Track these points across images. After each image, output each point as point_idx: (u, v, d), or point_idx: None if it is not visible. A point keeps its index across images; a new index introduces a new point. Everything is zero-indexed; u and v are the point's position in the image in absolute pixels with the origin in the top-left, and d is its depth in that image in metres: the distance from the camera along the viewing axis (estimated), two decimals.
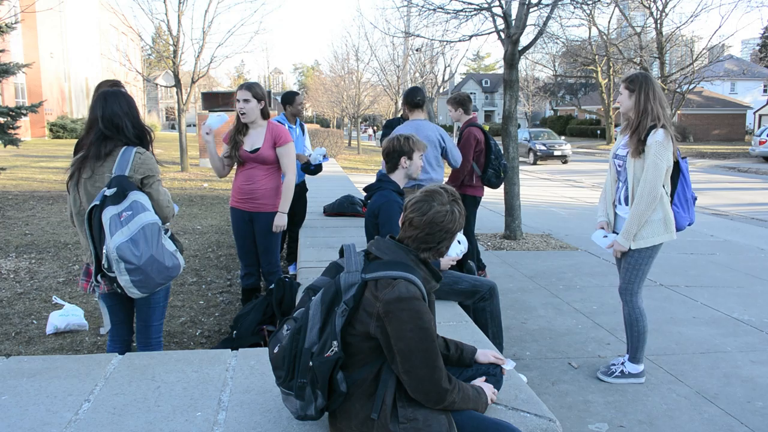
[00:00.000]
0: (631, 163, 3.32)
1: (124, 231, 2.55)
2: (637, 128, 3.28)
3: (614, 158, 3.53)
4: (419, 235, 1.91)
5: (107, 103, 2.74)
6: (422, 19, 9.14)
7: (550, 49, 31.19)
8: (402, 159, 3.42)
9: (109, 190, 2.61)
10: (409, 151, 3.41)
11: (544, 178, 18.47)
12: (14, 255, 6.40)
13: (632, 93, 3.33)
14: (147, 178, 2.75)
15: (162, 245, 2.66)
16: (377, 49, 32.33)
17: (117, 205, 2.59)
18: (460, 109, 5.48)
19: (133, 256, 2.54)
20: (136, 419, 2.08)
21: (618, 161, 3.49)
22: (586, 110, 43.23)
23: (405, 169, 3.46)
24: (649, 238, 3.34)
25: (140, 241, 2.57)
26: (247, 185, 4.03)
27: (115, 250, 2.52)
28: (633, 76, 3.38)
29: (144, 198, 2.68)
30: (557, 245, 7.69)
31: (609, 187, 3.60)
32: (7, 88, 21.74)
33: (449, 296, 3.54)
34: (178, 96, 15.86)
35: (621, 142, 3.52)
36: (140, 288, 2.62)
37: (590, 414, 3.25)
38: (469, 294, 3.55)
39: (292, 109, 5.55)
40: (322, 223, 6.11)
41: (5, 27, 10.76)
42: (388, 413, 1.80)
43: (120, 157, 2.70)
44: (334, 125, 46.84)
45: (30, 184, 12.27)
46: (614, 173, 3.54)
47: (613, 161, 3.55)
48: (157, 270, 2.62)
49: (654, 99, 3.28)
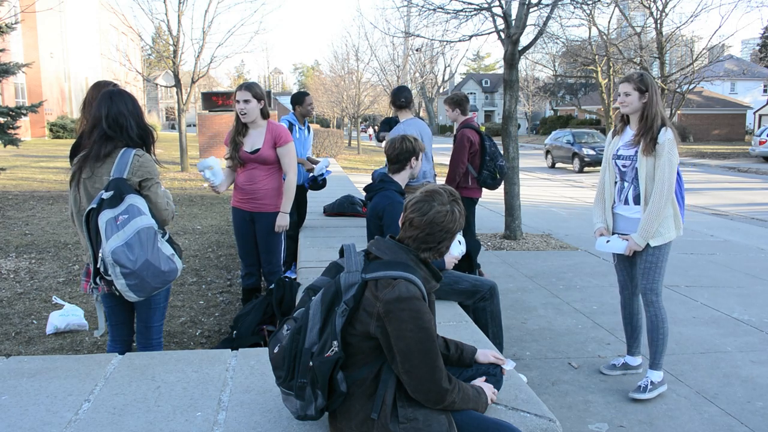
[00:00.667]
0: (642, 161, 3.28)
1: (120, 235, 2.54)
2: (651, 127, 3.26)
3: (615, 159, 3.47)
4: (419, 235, 1.91)
5: (113, 103, 2.73)
6: (422, 19, 9.14)
7: (550, 49, 31.14)
8: (412, 159, 3.47)
9: (106, 193, 2.60)
10: (417, 152, 3.47)
11: (544, 178, 18.47)
12: (14, 255, 6.40)
13: (644, 93, 3.28)
14: (145, 180, 2.73)
15: (158, 249, 2.64)
16: (377, 49, 32.31)
17: (114, 209, 2.57)
18: (458, 110, 5.46)
19: (128, 260, 2.53)
20: (136, 419, 2.08)
21: (622, 162, 3.43)
22: (586, 110, 43.16)
23: (411, 169, 3.51)
24: (666, 234, 3.33)
25: (135, 245, 2.56)
26: (248, 185, 4.03)
27: (110, 254, 2.51)
28: (643, 76, 3.32)
29: (141, 201, 2.67)
30: (557, 245, 7.69)
31: (607, 188, 3.54)
32: (7, 88, 21.75)
33: (449, 296, 3.54)
34: (178, 96, 15.87)
35: (621, 142, 3.47)
36: (136, 292, 2.61)
37: (590, 414, 3.25)
38: (470, 294, 3.55)
39: (301, 109, 5.56)
40: (322, 223, 6.11)
41: (5, 27, 10.77)
42: (388, 413, 1.80)
43: (119, 160, 2.68)
44: (334, 125, 46.82)
45: (30, 184, 12.26)
46: (614, 174, 3.49)
47: (614, 162, 3.48)
48: (152, 274, 2.61)
49: (660, 99, 3.32)
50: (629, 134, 3.43)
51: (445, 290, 3.48)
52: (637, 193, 3.38)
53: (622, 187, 3.46)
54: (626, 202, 3.45)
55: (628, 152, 3.38)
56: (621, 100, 3.38)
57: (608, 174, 3.54)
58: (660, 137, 3.25)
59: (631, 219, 3.42)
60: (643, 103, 3.29)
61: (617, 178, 3.48)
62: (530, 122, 56.75)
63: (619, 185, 3.48)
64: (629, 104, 3.35)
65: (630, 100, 3.34)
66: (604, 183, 3.58)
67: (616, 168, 3.47)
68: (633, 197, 3.41)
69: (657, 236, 3.33)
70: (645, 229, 3.30)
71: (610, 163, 3.51)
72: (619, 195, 3.49)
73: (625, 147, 3.41)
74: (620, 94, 3.37)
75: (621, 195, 3.47)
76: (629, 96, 3.34)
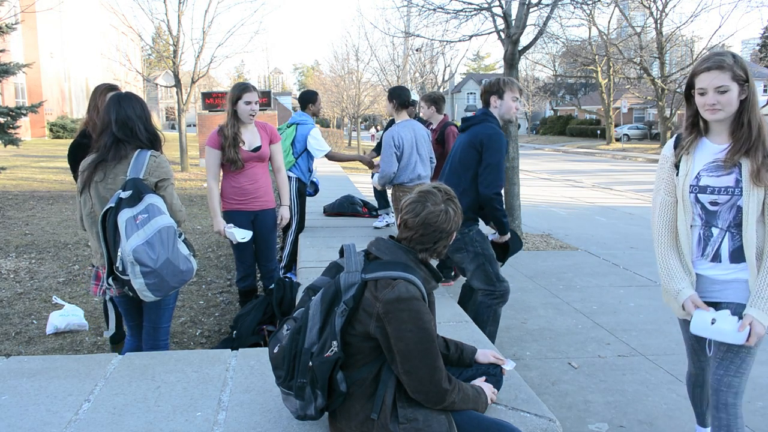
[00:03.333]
0: (751, 195, 2.08)
1: (140, 234, 2.54)
2: (759, 137, 2.09)
3: (696, 192, 2.20)
4: (414, 236, 1.91)
5: (121, 107, 2.74)
6: (422, 19, 9.15)
7: (550, 49, 31.19)
8: (492, 98, 3.55)
9: (124, 193, 2.61)
10: (499, 91, 3.54)
11: (544, 178, 18.47)
12: (14, 255, 6.40)
13: (743, 86, 2.09)
14: (162, 181, 2.75)
15: (177, 249, 2.66)
16: (377, 49, 32.35)
17: (132, 208, 2.58)
18: (433, 107, 5.60)
19: (150, 259, 2.53)
20: (136, 419, 2.08)
21: (711, 197, 2.17)
22: (586, 110, 43.25)
23: (497, 108, 3.56)
24: None
25: (156, 244, 2.57)
26: (250, 185, 4.04)
27: (131, 252, 2.51)
28: (736, 58, 2.08)
29: (159, 201, 2.68)
30: (557, 245, 7.69)
31: (684, 235, 2.26)
32: (7, 88, 21.74)
33: (471, 262, 3.52)
34: (178, 96, 15.88)
35: (699, 162, 2.21)
36: (154, 291, 2.61)
37: (590, 414, 3.25)
38: (487, 281, 3.52)
39: (314, 107, 5.61)
40: (322, 223, 6.11)
41: (5, 27, 10.76)
42: (388, 413, 1.80)
43: (134, 160, 2.70)
44: (334, 125, 46.84)
45: (30, 184, 12.26)
46: (692, 214, 2.24)
47: (692, 197, 2.21)
48: (171, 273, 2.61)
49: None
50: (713, 149, 2.20)
51: (471, 257, 3.51)
52: (737, 246, 2.16)
53: (709, 234, 2.22)
54: (716, 258, 2.21)
55: (722, 181, 2.15)
56: (710, 101, 2.09)
57: (682, 214, 2.26)
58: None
59: (727, 283, 2.21)
60: (741, 101, 2.11)
61: (698, 220, 2.25)
62: (530, 122, 56.72)
63: (703, 232, 2.24)
64: (726, 106, 2.09)
65: (728, 99, 2.08)
66: (672, 227, 2.30)
67: (697, 206, 2.23)
68: (730, 251, 2.18)
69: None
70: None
71: (685, 198, 2.23)
72: (700, 247, 2.25)
73: (711, 171, 2.18)
74: (705, 92, 2.10)
75: (707, 247, 2.23)
76: (726, 93, 2.07)
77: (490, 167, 3.44)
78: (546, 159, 28.18)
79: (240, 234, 3.87)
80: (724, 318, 2.13)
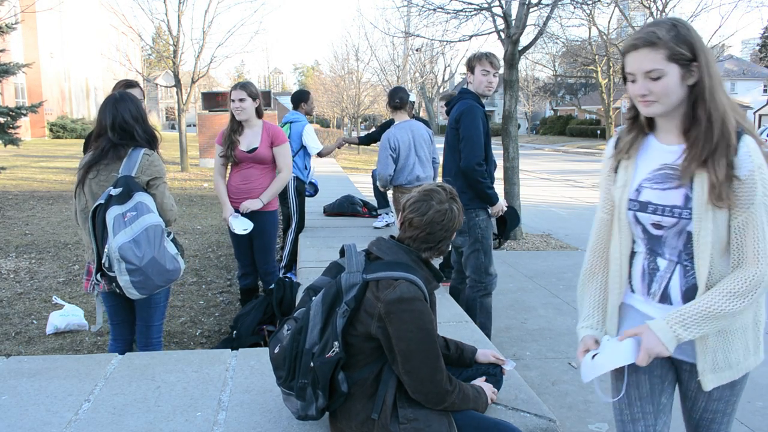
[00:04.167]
0: (706, 217, 1.51)
1: (128, 231, 2.56)
2: (722, 136, 1.50)
3: (636, 210, 1.64)
4: (419, 235, 1.91)
5: (117, 110, 2.75)
6: (422, 19, 9.17)
7: (550, 49, 31.19)
8: (468, 75, 3.65)
9: (114, 190, 2.62)
10: (470, 66, 3.62)
11: (544, 178, 18.47)
12: (14, 255, 6.40)
13: (688, 66, 1.51)
14: (154, 179, 2.76)
15: (164, 248, 2.67)
16: (377, 49, 32.35)
17: (122, 205, 2.60)
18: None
19: (135, 256, 2.55)
20: (136, 419, 2.08)
21: (654, 216, 1.60)
22: (586, 110, 43.23)
23: (471, 84, 3.63)
24: (744, 359, 1.72)
25: (143, 242, 2.58)
26: (244, 185, 4.05)
27: (117, 249, 2.53)
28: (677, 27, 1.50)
29: (149, 199, 2.69)
30: (557, 245, 7.69)
31: (615, 263, 1.72)
32: (7, 88, 21.74)
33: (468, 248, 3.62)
34: (178, 96, 15.86)
35: (642, 170, 1.64)
36: (139, 289, 2.62)
37: (590, 414, 3.25)
38: (477, 270, 3.62)
39: (307, 106, 5.65)
40: (322, 223, 6.11)
41: (5, 27, 10.76)
42: (388, 413, 1.80)
43: (128, 158, 2.71)
44: (334, 125, 46.84)
45: (30, 184, 12.26)
46: (630, 237, 1.69)
47: (631, 216, 1.66)
48: (157, 272, 2.63)
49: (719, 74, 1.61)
50: (660, 151, 1.63)
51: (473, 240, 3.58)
52: (691, 284, 1.59)
53: (655, 267, 1.66)
54: (664, 299, 1.64)
55: (667, 196, 1.58)
56: (639, 90, 1.54)
57: (616, 235, 1.72)
58: (741, 156, 1.49)
59: (652, 318, 1.63)
60: (690, 87, 1.52)
61: (641, 245, 1.69)
62: (530, 122, 56.74)
63: (647, 263, 1.67)
64: (662, 96, 1.52)
65: (663, 87, 1.51)
66: (602, 249, 1.78)
67: (638, 227, 1.67)
68: (682, 291, 1.61)
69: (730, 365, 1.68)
70: (688, 319, 1.52)
71: (622, 216, 1.68)
72: (645, 283, 1.68)
73: (656, 181, 1.61)
74: (635, 78, 1.54)
75: (653, 284, 1.66)
76: (661, 80, 1.50)
77: (465, 139, 3.47)
78: (546, 159, 28.16)
79: (240, 225, 3.89)
80: (604, 345, 1.67)
